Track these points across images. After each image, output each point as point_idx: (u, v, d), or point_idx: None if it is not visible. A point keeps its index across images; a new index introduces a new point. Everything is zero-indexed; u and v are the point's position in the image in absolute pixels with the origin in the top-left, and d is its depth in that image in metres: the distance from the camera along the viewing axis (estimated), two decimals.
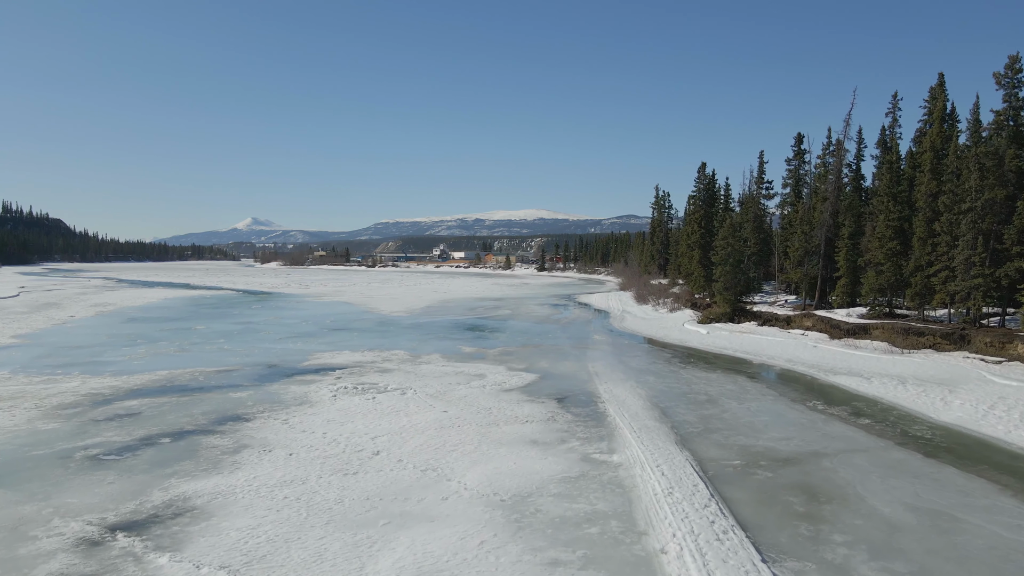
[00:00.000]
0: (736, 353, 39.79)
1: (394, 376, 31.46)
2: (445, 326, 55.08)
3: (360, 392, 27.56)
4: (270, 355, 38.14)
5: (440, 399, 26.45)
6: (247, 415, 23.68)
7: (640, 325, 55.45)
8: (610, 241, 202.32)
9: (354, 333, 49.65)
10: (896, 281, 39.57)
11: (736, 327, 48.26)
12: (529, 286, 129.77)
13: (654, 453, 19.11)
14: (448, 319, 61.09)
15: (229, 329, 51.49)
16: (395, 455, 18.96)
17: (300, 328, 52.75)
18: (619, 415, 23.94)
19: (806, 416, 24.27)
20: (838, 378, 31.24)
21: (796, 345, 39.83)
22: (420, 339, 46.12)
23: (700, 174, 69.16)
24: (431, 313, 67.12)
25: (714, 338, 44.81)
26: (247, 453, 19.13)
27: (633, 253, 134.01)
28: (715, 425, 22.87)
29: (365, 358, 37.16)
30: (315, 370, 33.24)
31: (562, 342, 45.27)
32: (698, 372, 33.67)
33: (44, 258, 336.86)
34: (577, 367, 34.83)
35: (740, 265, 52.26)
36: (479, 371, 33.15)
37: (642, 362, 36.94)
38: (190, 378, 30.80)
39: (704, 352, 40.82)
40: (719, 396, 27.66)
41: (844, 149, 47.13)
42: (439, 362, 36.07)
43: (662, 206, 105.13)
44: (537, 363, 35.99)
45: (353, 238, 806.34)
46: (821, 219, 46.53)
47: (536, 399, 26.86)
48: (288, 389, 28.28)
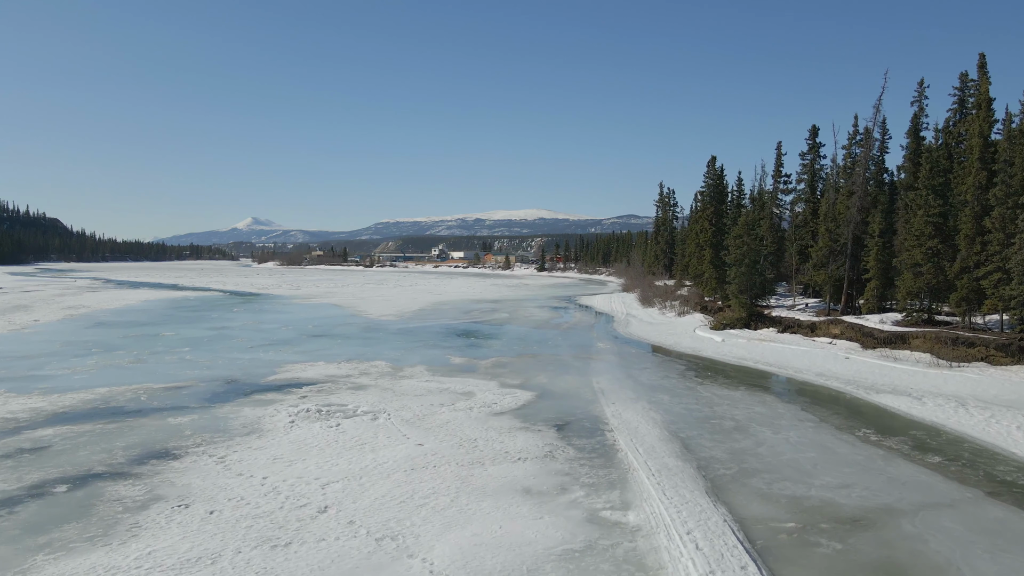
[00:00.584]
0: (757, 365, 35.48)
1: (368, 395, 27.17)
2: (435, 332, 50.78)
3: (323, 417, 23.27)
4: (234, 367, 33.85)
5: (417, 426, 22.16)
6: (178, 450, 19.38)
7: (647, 331, 51.14)
8: (611, 241, 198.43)
9: (335, 340, 45.36)
10: (937, 284, 35.27)
11: (754, 334, 43.94)
12: (528, 287, 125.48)
13: (681, 510, 14.83)
14: (440, 324, 56.80)
15: (199, 336, 47.20)
16: (347, 513, 14.68)
17: (277, 335, 48.45)
18: (632, 449, 19.64)
19: (860, 451, 19.95)
20: (882, 397, 26.92)
21: (825, 356, 35.51)
22: (406, 347, 41.82)
23: (710, 168, 64.85)
24: (422, 317, 62.82)
25: (731, 347, 40.50)
26: (156, 510, 14.84)
27: (636, 253, 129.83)
28: (751, 464, 18.55)
29: (340, 371, 32.87)
30: (279, 387, 28.95)
31: (562, 351, 40.97)
32: (718, 389, 29.36)
33: (40, 258, 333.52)
34: (580, 383, 30.53)
35: (756, 266, 47.96)
36: (467, 388, 28.85)
37: (653, 376, 32.64)
38: (130, 397, 26.51)
39: (721, 364, 36.52)
40: (748, 422, 23.35)
41: (874, 138, 42.76)
42: (423, 376, 31.77)
43: (667, 204, 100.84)
44: (534, 378, 31.70)
45: (353, 238, 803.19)
46: (848, 215, 42.20)
47: (531, 426, 22.57)
48: (240, 413, 23.99)
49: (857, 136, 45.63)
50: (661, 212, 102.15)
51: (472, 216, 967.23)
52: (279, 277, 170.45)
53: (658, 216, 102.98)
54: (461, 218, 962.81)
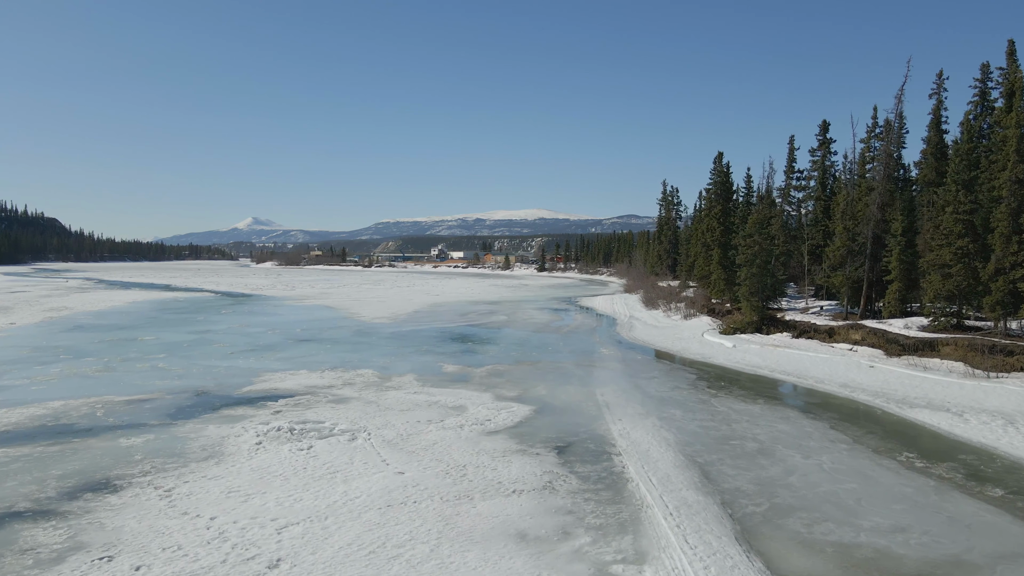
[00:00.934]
0: (774, 374, 32.88)
1: (349, 409, 24.58)
2: (429, 336, 48.18)
3: (295, 437, 20.68)
4: (208, 377, 31.26)
5: (399, 449, 19.58)
6: (120, 480, 16.81)
7: (652, 335, 48.54)
8: (612, 240, 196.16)
9: (323, 345, 42.78)
10: (968, 286, 32.67)
11: (767, 339, 41.32)
12: (528, 287, 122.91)
13: (709, 564, 12.24)
14: (435, 327, 54.21)
15: (179, 340, 44.60)
16: (303, 570, 12.09)
17: (262, 339, 45.86)
18: (644, 479, 17.06)
19: (907, 481, 17.36)
20: (918, 413, 24.32)
21: (847, 364, 32.90)
22: (396, 354, 39.24)
23: (716, 165, 62.24)
24: (417, 320, 60.24)
25: (743, 353, 37.89)
26: (71, 564, 12.25)
27: (638, 253, 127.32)
28: (784, 498, 15.97)
29: (322, 381, 30.29)
30: (252, 400, 26.36)
31: (563, 357, 38.38)
32: (734, 402, 26.76)
33: (37, 258, 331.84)
34: (582, 395, 27.94)
35: (768, 266, 45.36)
36: (459, 401, 26.27)
37: (662, 386, 30.03)
38: (85, 413, 23.92)
39: (734, 372, 33.92)
40: (773, 443, 20.76)
41: (896, 131, 40.08)
42: (411, 387, 29.17)
43: (670, 202, 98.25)
44: (533, 388, 29.10)
45: (353, 238, 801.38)
46: (867, 213, 39.57)
47: (529, 448, 19.99)
48: (202, 432, 21.41)
49: (876, 128, 43.05)
50: (664, 211, 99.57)
51: (472, 216, 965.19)
52: (275, 277, 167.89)
53: (661, 215, 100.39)
54: (461, 218, 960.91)
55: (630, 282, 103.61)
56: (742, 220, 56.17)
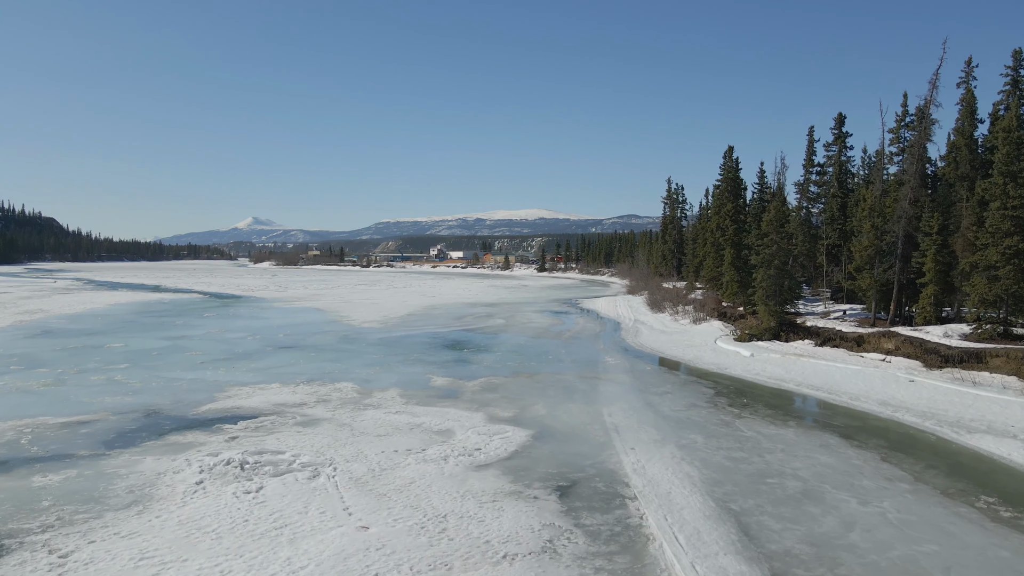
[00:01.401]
0: (800, 388, 29.41)
1: (317, 434, 21.13)
2: (421, 342, 44.72)
3: (245, 474, 17.25)
4: (166, 392, 27.81)
5: (368, 491, 16.15)
6: (11, 539, 13.36)
7: (660, 341, 45.06)
8: (613, 240, 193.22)
9: (303, 353, 39.34)
10: (1018, 290, 29.23)
11: (786, 347, 37.87)
12: (528, 288, 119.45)
13: None
14: (427, 332, 50.75)
15: (148, 348, 41.14)
16: None
17: (240, 346, 42.40)
18: (669, 537, 13.62)
19: (1001, 539, 13.90)
20: (980, 440, 20.86)
21: (883, 378, 29.44)
22: (382, 363, 35.80)
23: (726, 160, 58.80)
24: (410, 324, 56.78)
25: (763, 363, 34.43)
26: None
27: (641, 253, 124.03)
28: (851, 567, 12.50)
29: (294, 397, 26.84)
30: (208, 422, 22.92)
31: (565, 368, 34.92)
32: (762, 425, 23.30)
33: (34, 257, 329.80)
34: (588, 415, 24.48)
35: (786, 268, 41.91)
36: (445, 423, 22.83)
37: (676, 404, 26.56)
38: (8, 440, 20.47)
39: (754, 386, 30.46)
40: (819, 482, 17.30)
41: (931, 119, 36.56)
42: (393, 405, 25.73)
43: (675, 201, 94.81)
44: (531, 407, 25.65)
45: (354, 237, 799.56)
46: (898, 209, 36.09)
47: (525, 489, 16.55)
48: (136, 467, 17.96)
49: (907, 117, 39.54)
50: (669, 209, 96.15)
51: (473, 216, 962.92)
52: (270, 278, 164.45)
53: (665, 214, 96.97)
54: (462, 218, 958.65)
55: (633, 283, 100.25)
56: (755, 218, 52.74)
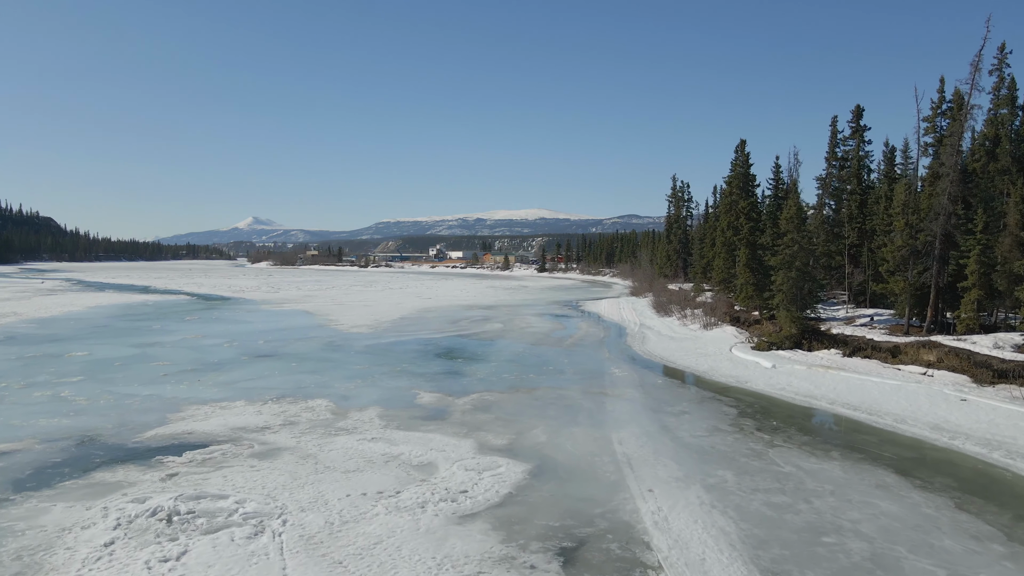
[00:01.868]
0: (834, 407, 25.93)
1: (273, 471, 17.70)
2: (410, 350, 41.26)
3: (169, 533, 13.81)
4: (112, 413, 24.35)
5: (320, 557, 12.71)
6: None
7: (670, 349, 41.58)
8: (615, 240, 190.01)
9: (282, 363, 35.94)
10: None
11: (811, 357, 34.41)
12: (528, 289, 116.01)
13: None
14: (419, 338, 47.29)
15: (113, 356, 37.69)
16: None
17: (213, 355, 38.97)
18: None
19: None
20: None
21: (929, 396, 25.97)
22: (365, 376, 32.35)
23: (738, 154, 55.32)
24: (401, 328, 53.32)
25: (787, 376, 30.96)
26: None
27: (644, 253, 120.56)
28: None
29: (257, 419, 23.40)
30: (149, 453, 19.48)
31: (567, 381, 31.45)
32: (800, 456, 19.83)
33: (30, 257, 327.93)
34: (594, 442, 21.02)
35: (808, 270, 38.44)
36: (427, 454, 19.40)
37: (696, 427, 23.10)
38: None
39: (782, 403, 27.00)
40: (888, 543, 13.84)
41: (974, 105, 33.06)
42: (370, 429, 22.29)
43: (680, 199, 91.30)
44: (528, 432, 22.20)
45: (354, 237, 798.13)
46: (936, 205, 32.60)
47: (519, 554, 13.10)
48: (39, 519, 14.53)
49: (943, 106, 36.03)
50: (674, 208, 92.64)
51: (473, 216, 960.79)
52: (265, 278, 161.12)
53: (670, 212, 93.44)
54: (462, 218, 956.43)
55: (637, 284, 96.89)
56: (769, 216, 49.30)
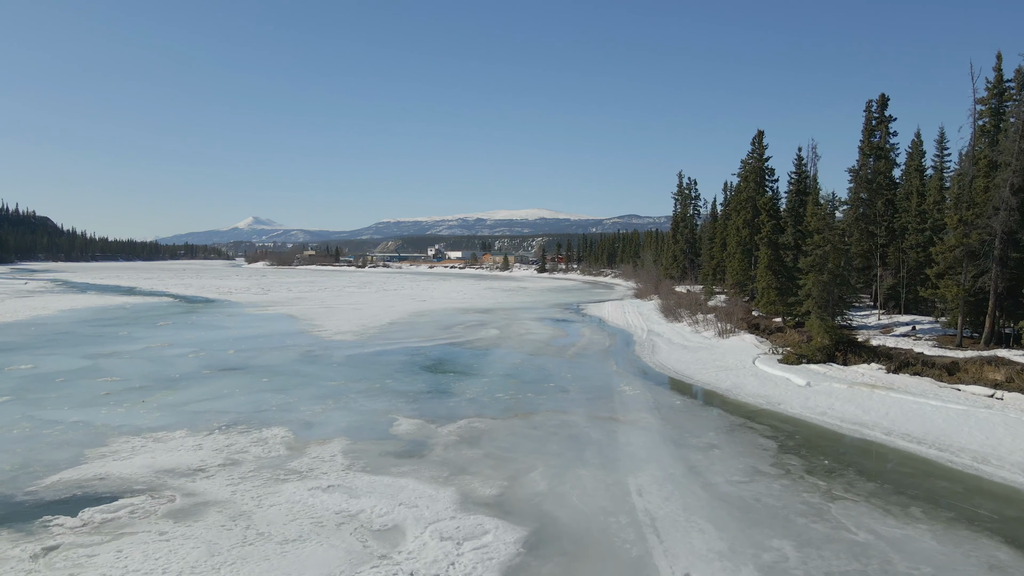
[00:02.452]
0: (893, 439, 21.58)
1: (187, 541, 13.40)
2: (395, 362, 36.95)
3: None
4: (19, 447, 20.03)
5: None
6: None
7: (684, 361, 37.26)
8: (616, 240, 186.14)
9: (246, 378, 31.69)
10: None
11: (849, 374, 30.08)
12: (527, 291, 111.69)
13: None
14: (407, 347, 42.98)
15: (57, 370, 33.37)
16: None
17: (173, 367, 34.68)
18: None
19: None
20: None
21: (1007, 425, 21.63)
22: (338, 395, 28.05)
23: (755, 146, 51.00)
24: (389, 335, 49.01)
25: (826, 397, 26.62)
26: None
27: (647, 253, 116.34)
28: None
29: (192, 457, 19.11)
30: (34, 510, 15.20)
31: (571, 403, 27.13)
32: (873, 516, 15.50)
33: (25, 257, 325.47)
34: (607, 493, 16.70)
35: (842, 272, 34.11)
36: (394, 513, 15.10)
37: (731, 468, 18.77)
38: None
39: (827, 433, 22.67)
40: None
41: None
42: (328, 472, 17.99)
43: (687, 196, 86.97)
44: (525, 477, 17.88)
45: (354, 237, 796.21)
46: (996, 199, 28.27)
47: None
48: None
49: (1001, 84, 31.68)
50: (680, 206, 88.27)
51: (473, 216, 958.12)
52: (258, 279, 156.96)
53: (676, 211, 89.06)
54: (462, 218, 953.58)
55: (642, 286, 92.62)
56: (790, 213, 44.97)
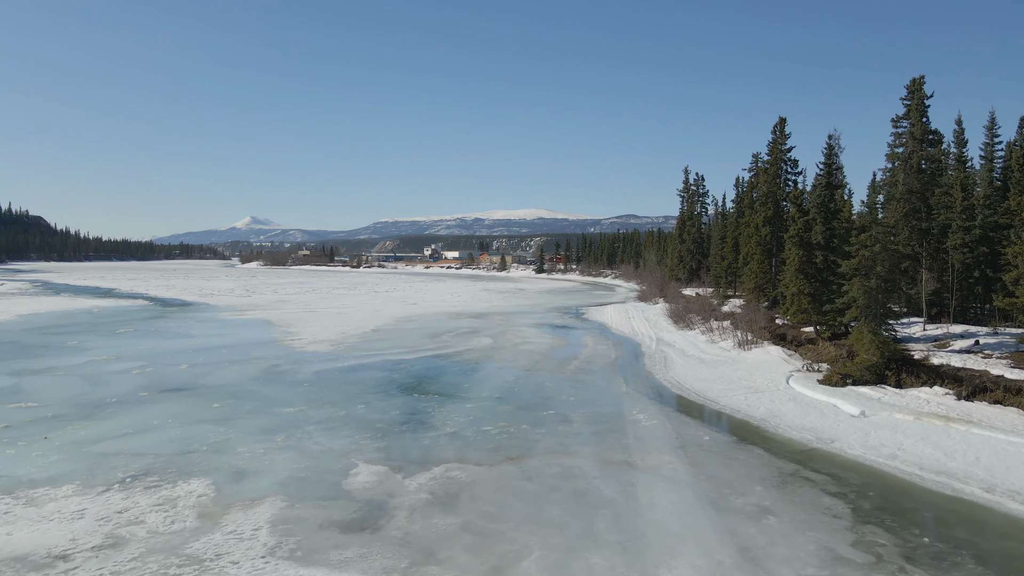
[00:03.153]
0: (997, 498, 16.43)
1: None
2: (369, 381, 31.83)
3: None
4: None
5: None
6: None
7: (704, 378, 32.18)
8: (616, 240, 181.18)
9: (187, 402, 26.64)
10: None
11: (909, 399, 25.00)
12: (524, 293, 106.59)
13: None
14: (387, 360, 37.88)
15: None
16: None
17: (106, 388, 29.55)
18: None
19: None
20: None
21: None
22: (290, 426, 22.94)
23: (776, 135, 45.91)
24: (369, 345, 43.90)
25: (891, 433, 21.53)
26: None
27: (649, 253, 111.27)
28: None
29: (60, 534, 14.03)
30: None
31: (575, 440, 22.00)
32: None
33: (17, 256, 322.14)
34: None
35: (892, 277, 29.02)
36: None
37: (801, 553, 13.67)
38: None
39: (910, 489, 17.56)
40: None
41: None
42: (241, 563, 12.88)
43: (695, 193, 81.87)
44: (513, 570, 12.78)
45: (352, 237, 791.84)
46: None
47: None
48: None
49: None
50: (687, 204, 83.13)
51: (471, 216, 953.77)
52: (247, 279, 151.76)
53: (683, 209, 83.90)
54: (460, 217, 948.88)
55: (645, 288, 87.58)
56: (820, 209, 39.92)
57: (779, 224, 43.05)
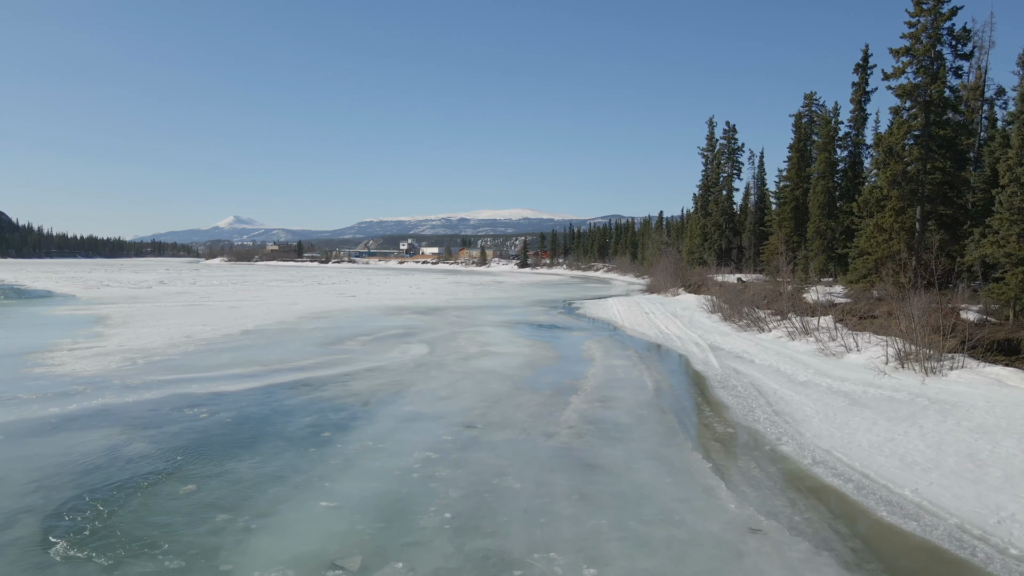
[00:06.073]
0: None
1: None
2: (58, 460, 11.91)
3: None
4: None
5: None
6: None
7: (884, 448, 12.61)
8: (606, 233, 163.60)
9: None
10: None
11: None
12: (502, 286, 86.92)
13: None
14: (183, 396, 17.96)
15: None
16: None
17: None
18: None
19: None
20: None
21: None
22: None
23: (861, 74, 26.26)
24: (202, 360, 23.98)
25: None
26: None
27: (658, 236, 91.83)
28: None
29: None
30: None
31: None
32: None
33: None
34: None
35: None
36: None
37: None
38: None
39: None
40: None
41: None
42: None
43: (729, 148, 61.98)
44: None
45: (336, 236, 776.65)
46: None
47: None
48: None
49: None
50: (712, 166, 63.38)
51: (456, 215, 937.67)
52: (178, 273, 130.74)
53: (706, 172, 64.12)
54: (445, 217, 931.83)
55: (652, 279, 68.17)
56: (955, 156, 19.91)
57: (955, 156, 23.64)
